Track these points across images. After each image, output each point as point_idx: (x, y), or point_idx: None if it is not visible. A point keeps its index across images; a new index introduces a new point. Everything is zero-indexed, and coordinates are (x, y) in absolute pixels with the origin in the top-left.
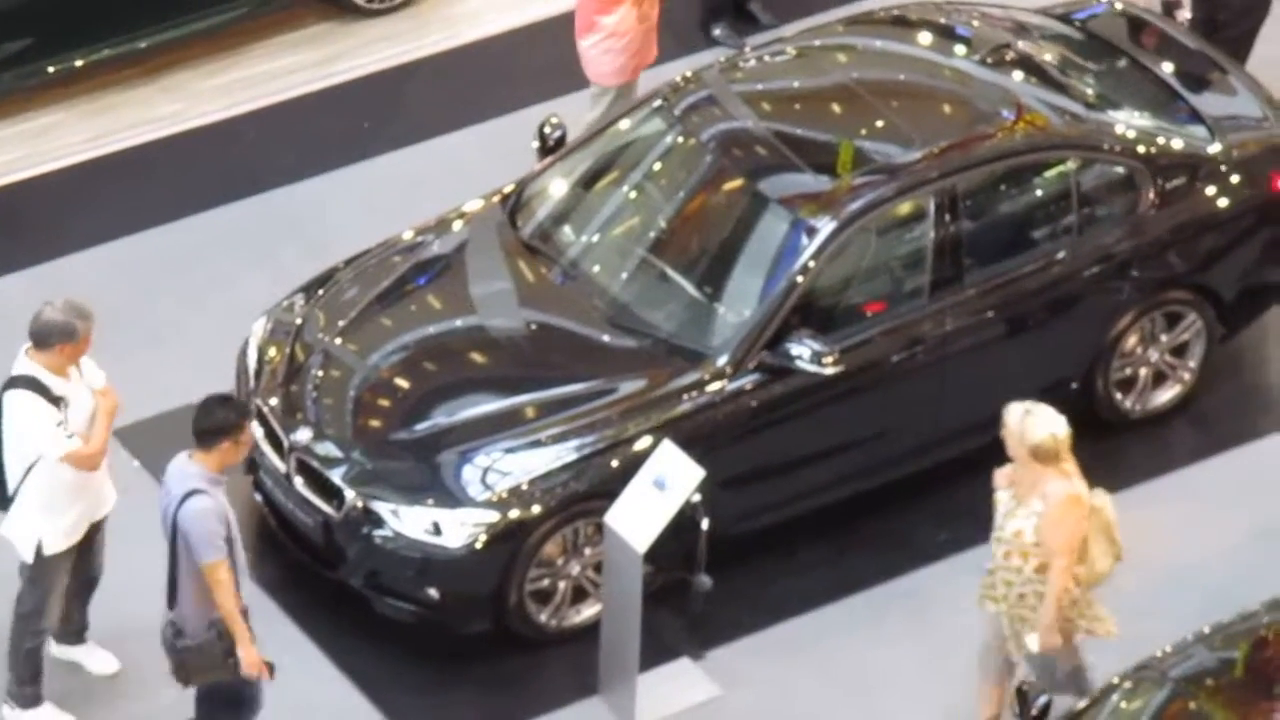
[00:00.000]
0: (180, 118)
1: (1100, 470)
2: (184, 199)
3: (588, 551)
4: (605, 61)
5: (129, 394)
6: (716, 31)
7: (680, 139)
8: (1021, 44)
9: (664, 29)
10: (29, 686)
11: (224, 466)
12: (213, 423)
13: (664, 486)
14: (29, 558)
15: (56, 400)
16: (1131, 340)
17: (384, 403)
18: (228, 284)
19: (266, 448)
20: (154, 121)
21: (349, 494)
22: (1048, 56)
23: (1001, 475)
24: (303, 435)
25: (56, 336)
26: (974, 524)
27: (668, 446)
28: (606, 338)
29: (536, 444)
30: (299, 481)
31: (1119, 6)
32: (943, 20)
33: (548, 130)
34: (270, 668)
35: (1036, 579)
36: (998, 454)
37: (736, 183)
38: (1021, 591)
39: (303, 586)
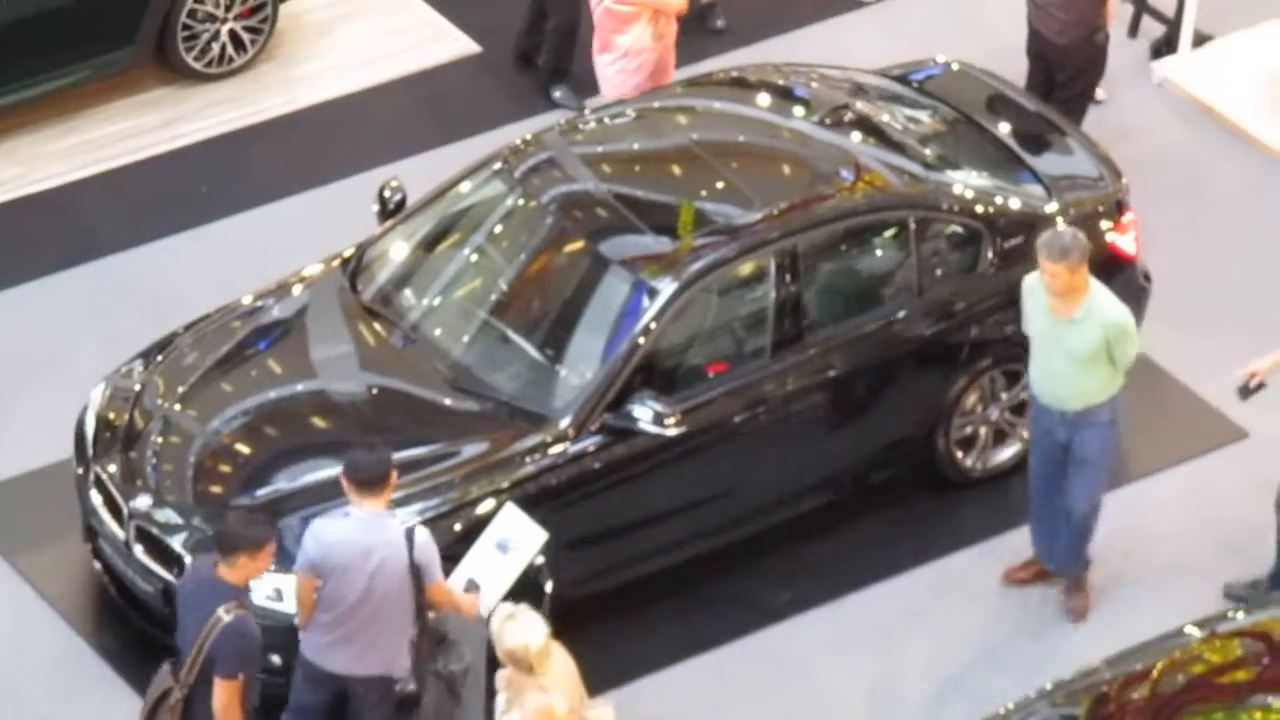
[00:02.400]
0: (20, 181)
1: (942, 529)
2: (22, 264)
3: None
4: (620, 80)
5: None
6: (557, 94)
7: (521, 201)
8: (860, 105)
9: (504, 92)
10: None
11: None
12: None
13: (508, 549)
14: None
15: None
16: (972, 398)
17: (225, 468)
18: (66, 350)
19: (106, 515)
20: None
21: (189, 561)
22: (886, 117)
23: (501, 677)
24: (142, 502)
25: None
26: (817, 583)
27: (511, 509)
28: (448, 400)
29: None
30: (139, 549)
31: (955, 68)
32: (781, 82)
33: (388, 193)
34: None
35: None
36: (841, 513)
37: (577, 244)
38: None
39: (143, 654)
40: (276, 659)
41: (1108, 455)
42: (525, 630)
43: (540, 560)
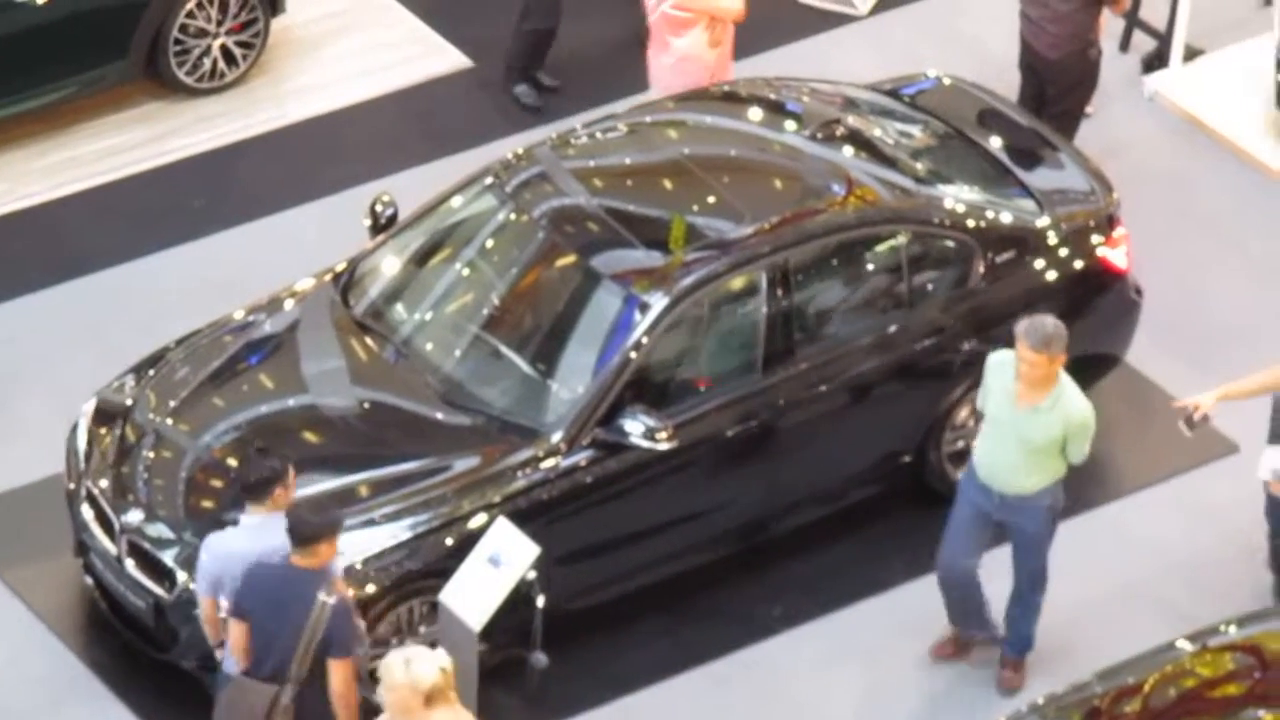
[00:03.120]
0: (7, 197)
1: (933, 543)
2: (11, 280)
3: (422, 630)
4: (676, 84)
5: None
6: (518, 89)
7: (512, 215)
8: (851, 119)
9: (496, 106)
10: None
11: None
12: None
13: (499, 564)
14: None
15: None
16: (963, 413)
17: (216, 483)
18: (57, 365)
19: (97, 530)
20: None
21: (181, 576)
22: (877, 132)
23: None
24: (134, 517)
25: None
26: (809, 598)
27: (502, 523)
28: (440, 415)
29: (370, 523)
30: (130, 564)
31: (947, 82)
32: (773, 96)
33: (379, 208)
34: None
35: None
36: (833, 527)
37: (569, 259)
38: None
39: (134, 669)
40: None
41: (1047, 533)
42: (431, 660)
43: (532, 575)
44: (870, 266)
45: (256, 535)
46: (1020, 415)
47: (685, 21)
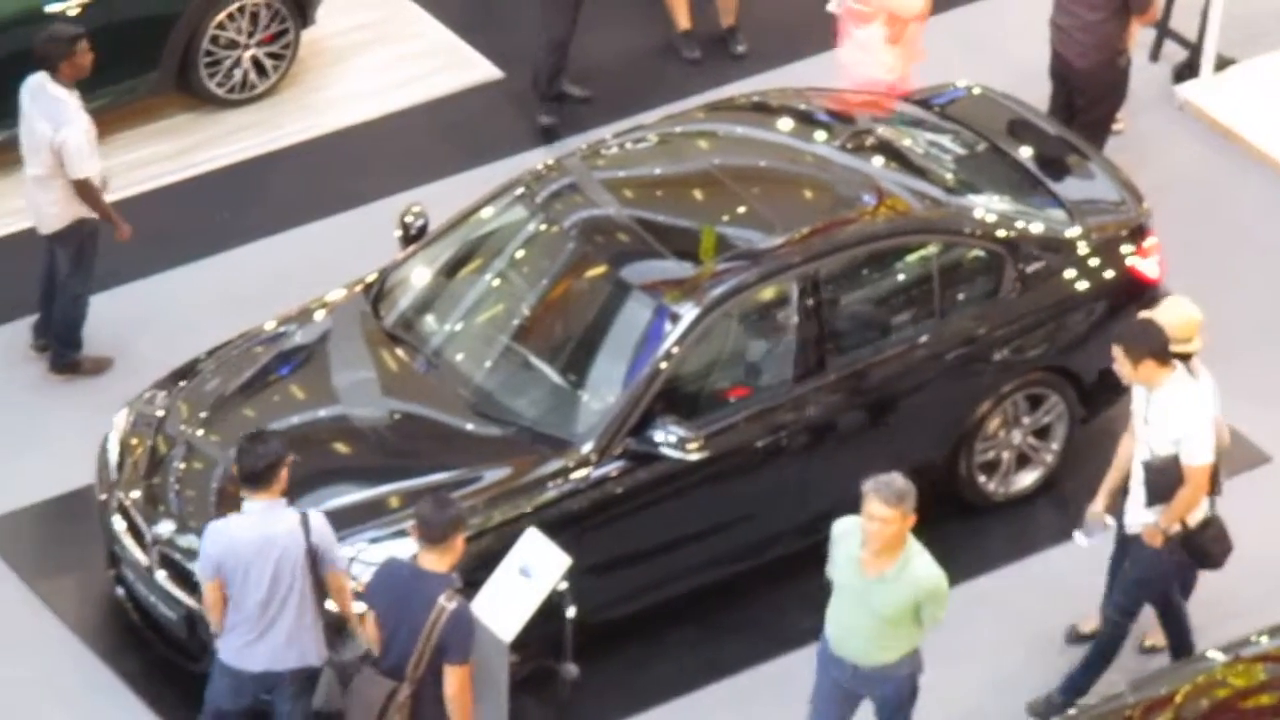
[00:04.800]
0: None
1: (963, 553)
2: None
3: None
4: (853, 74)
5: None
6: (544, 121)
7: (542, 226)
8: (881, 129)
9: (525, 117)
10: None
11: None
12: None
13: (530, 574)
14: None
15: None
16: (994, 423)
17: None
18: (88, 376)
19: (129, 541)
20: (13, 214)
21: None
22: (908, 142)
23: None
24: (165, 528)
25: None
26: None
27: (533, 534)
28: (470, 426)
29: (402, 534)
30: (161, 575)
31: (977, 92)
32: (803, 106)
33: (409, 219)
34: None
35: None
36: None
37: (599, 269)
38: None
39: (166, 680)
40: None
41: (910, 699)
42: None
43: (563, 586)
44: (901, 277)
45: (260, 522)
46: (869, 584)
47: (865, 15)
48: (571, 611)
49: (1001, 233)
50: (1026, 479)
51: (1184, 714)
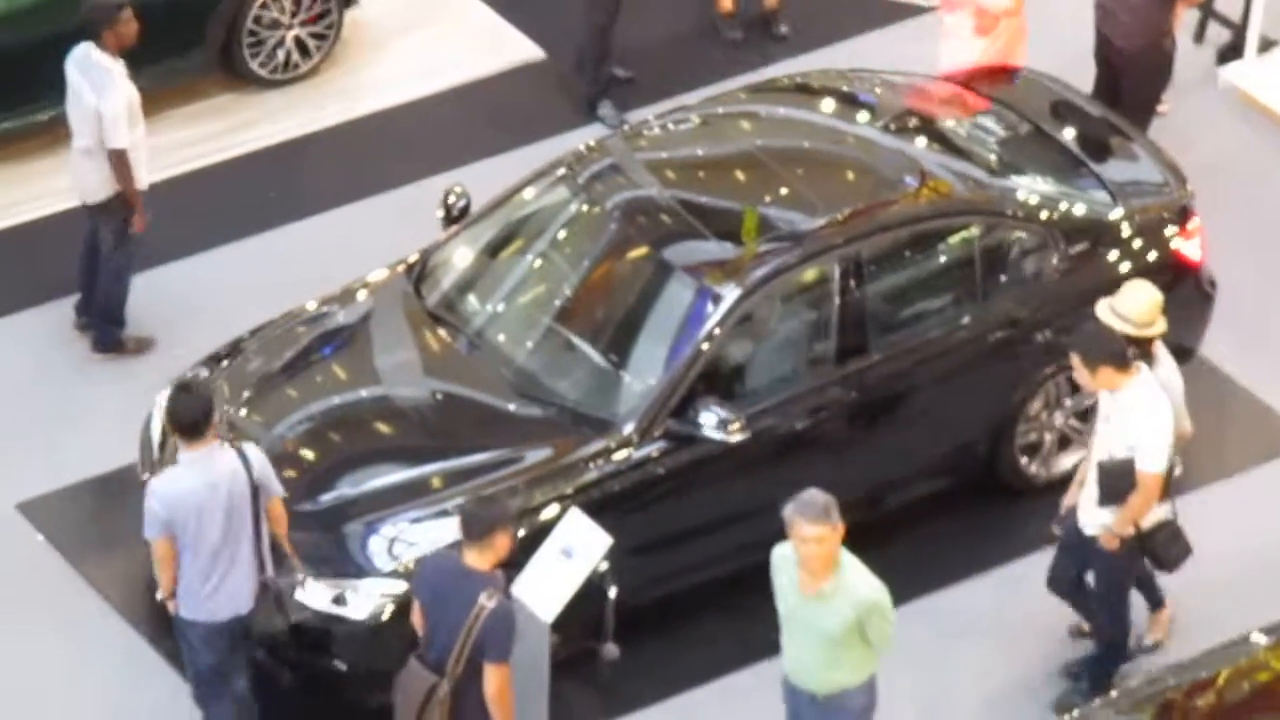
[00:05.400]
0: None
1: (1004, 535)
2: None
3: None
4: (943, 58)
5: (31, 468)
6: (602, 111)
7: (585, 207)
8: (924, 111)
9: (568, 98)
10: None
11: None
12: (195, 411)
13: (571, 555)
14: None
15: None
16: (1036, 405)
17: (289, 474)
18: (130, 356)
19: None
20: (56, 194)
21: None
22: (950, 123)
23: None
24: None
25: None
26: None
27: (575, 515)
28: (512, 407)
29: (443, 514)
30: None
31: (1021, 74)
32: (846, 88)
33: (452, 199)
34: None
35: None
36: (904, 520)
37: (641, 251)
38: None
39: None
40: (340, 664)
41: None
42: None
43: (604, 566)
44: (943, 258)
45: (203, 469)
46: (810, 605)
47: (954, 2)
48: (613, 592)
49: (1044, 215)
50: (1068, 461)
51: (1226, 697)
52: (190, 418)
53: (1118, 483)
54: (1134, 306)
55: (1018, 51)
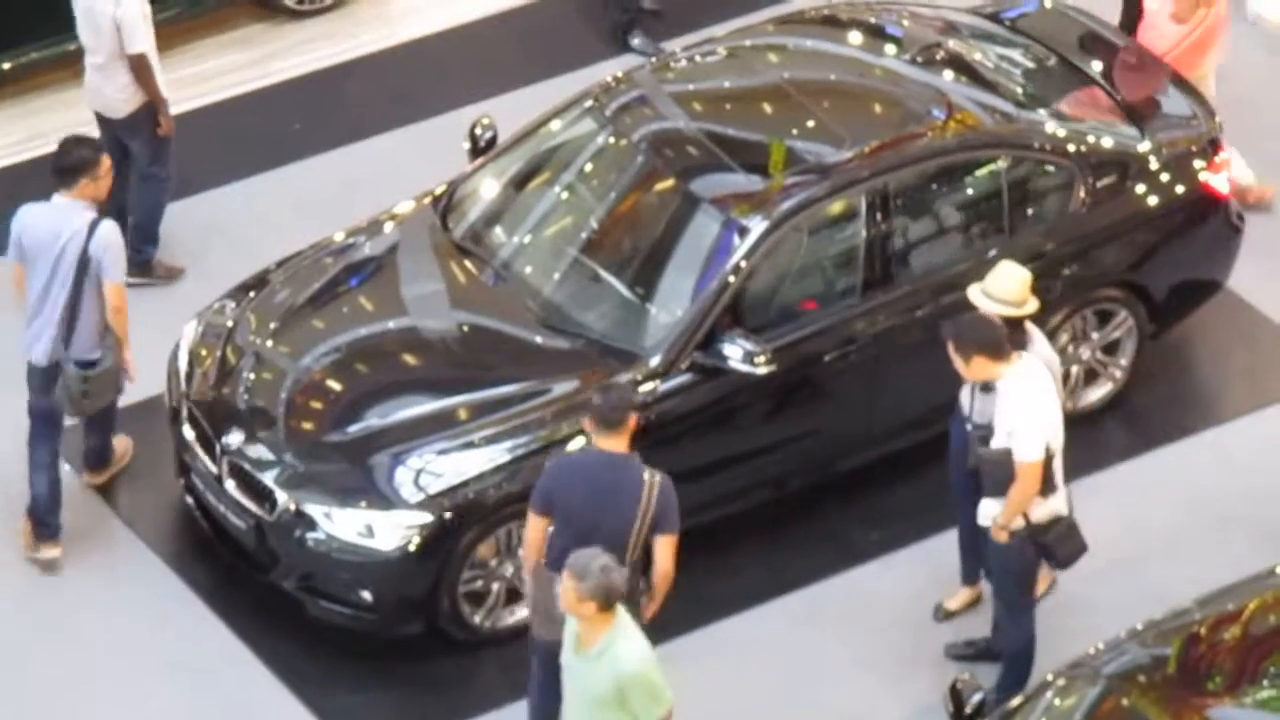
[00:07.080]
0: None
1: None
2: None
3: (521, 553)
4: (1142, 36)
5: None
6: (635, 41)
7: (612, 139)
8: (952, 43)
9: (596, 29)
10: None
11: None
12: (73, 160)
13: None
14: None
15: None
16: (1063, 338)
17: (316, 405)
18: (158, 287)
19: (198, 450)
20: (84, 124)
21: (281, 496)
22: (978, 56)
23: None
24: (235, 438)
25: None
26: (906, 523)
27: None
28: (539, 339)
29: (470, 445)
30: (231, 484)
31: (1048, 5)
32: (873, 20)
33: (479, 131)
34: None
35: None
36: (930, 453)
37: (668, 183)
38: None
39: (235, 589)
40: (367, 594)
41: None
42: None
43: None
44: (970, 191)
45: (58, 217)
46: (581, 662)
47: None
48: None
49: (1071, 147)
50: (1095, 394)
51: (1251, 629)
52: (65, 164)
53: (999, 471)
54: (1006, 286)
55: (1215, 42)
